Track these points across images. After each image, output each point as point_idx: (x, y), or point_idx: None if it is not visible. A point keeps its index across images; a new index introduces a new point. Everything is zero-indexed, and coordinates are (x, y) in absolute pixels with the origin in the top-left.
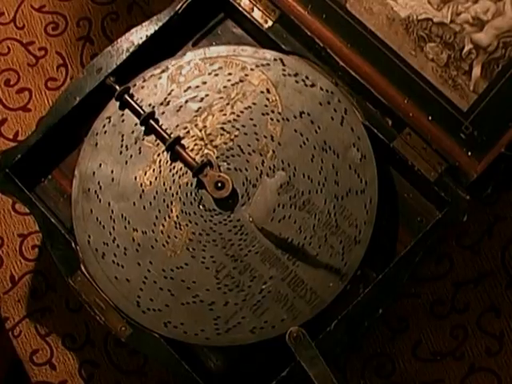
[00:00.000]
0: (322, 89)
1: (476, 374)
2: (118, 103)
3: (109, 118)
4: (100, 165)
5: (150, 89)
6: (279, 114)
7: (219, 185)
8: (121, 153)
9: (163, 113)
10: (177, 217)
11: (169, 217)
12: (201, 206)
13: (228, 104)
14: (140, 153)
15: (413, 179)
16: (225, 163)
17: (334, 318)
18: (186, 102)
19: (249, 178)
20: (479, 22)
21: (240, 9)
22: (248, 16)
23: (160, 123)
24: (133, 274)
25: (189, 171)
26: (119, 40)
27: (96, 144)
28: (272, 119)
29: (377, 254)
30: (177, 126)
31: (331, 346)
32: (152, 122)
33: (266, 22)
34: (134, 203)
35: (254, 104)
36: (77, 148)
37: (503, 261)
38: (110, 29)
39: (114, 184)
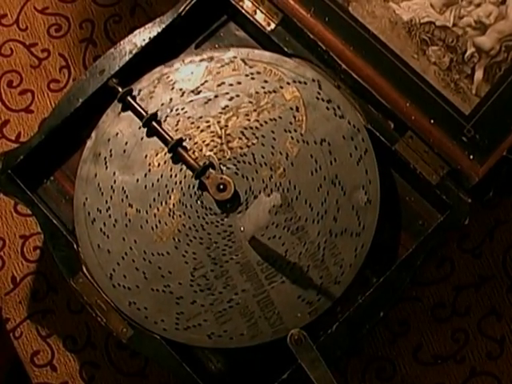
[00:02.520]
0: (349, 123)
1: (477, 377)
2: (121, 104)
3: (140, 90)
4: (117, 134)
5: (186, 74)
6: (301, 135)
7: (221, 187)
8: (140, 128)
9: (191, 101)
10: (173, 205)
11: (166, 203)
12: (199, 202)
13: (255, 110)
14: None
15: (414, 182)
16: (234, 167)
17: (335, 320)
18: (216, 96)
19: (253, 188)
20: (482, 25)
21: (243, 11)
22: (251, 19)
23: (185, 110)
24: (115, 246)
25: None
26: (122, 42)
27: (119, 113)
28: (292, 138)
29: (378, 257)
30: (200, 117)
31: (332, 348)
32: (154, 123)
33: (269, 24)
34: (138, 180)
35: (280, 118)
36: (79, 150)
37: (504, 264)
38: (113, 31)
39: (124, 156)
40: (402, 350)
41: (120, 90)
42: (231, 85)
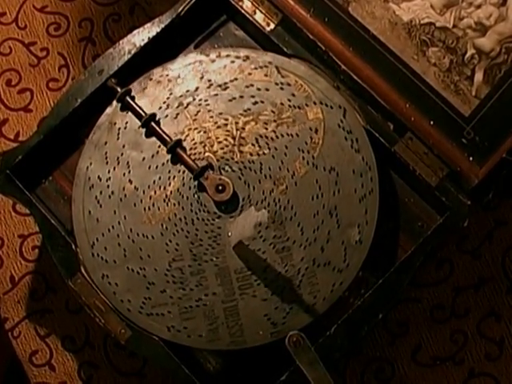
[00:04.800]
0: (363, 159)
1: (475, 379)
2: (119, 105)
3: (169, 70)
4: None
5: (219, 67)
6: (313, 157)
7: (220, 188)
8: (160, 108)
9: (216, 95)
10: (171, 192)
11: (164, 188)
12: (196, 196)
13: (275, 121)
14: (176, 118)
15: (414, 184)
16: (239, 171)
17: (333, 322)
18: (241, 97)
19: (251, 196)
20: (482, 27)
21: (242, 11)
22: (250, 19)
23: (208, 102)
24: (105, 217)
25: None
26: (121, 42)
27: (145, 88)
28: (303, 158)
29: (377, 258)
30: (220, 113)
31: (331, 350)
32: (153, 124)
33: (268, 24)
34: (144, 158)
35: (297, 135)
36: (78, 149)
37: (503, 266)
38: (112, 30)
39: (137, 132)
40: (400, 351)
41: (119, 90)
42: (259, 89)
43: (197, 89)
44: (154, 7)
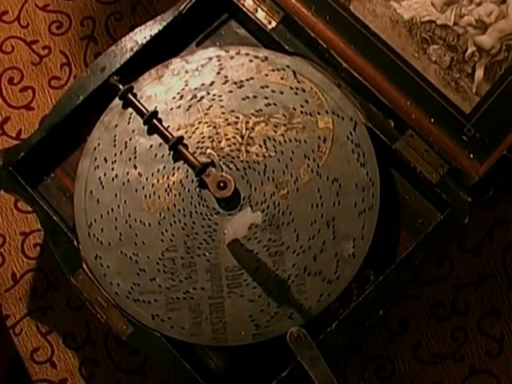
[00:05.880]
0: (367, 174)
1: (476, 376)
2: (121, 101)
3: (187, 62)
4: (151, 96)
5: (238, 64)
6: (318, 166)
7: (221, 184)
8: (173, 98)
9: (231, 91)
10: (173, 182)
11: (167, 178)
12: (197, 189)
13: (285, 125)
14: (188, 110)
15: (414, 181)
16: (243, 170)
17: (334, 318)
18: (255, 97)
19: (252, 197)
20: (482, 24)
21: (244, 9)
22: (252, 17)
23: (221, 98)
24: (105, 199)
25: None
26: (123, 39)
27: (161, 77)
28: (308, 165)
29: (378, 255)
30: (232, 110)
31: (332, 346)
32: (155, 121)
33: (270, 22)
34: (151, 146)
35: (305, 142)
36: (80, 147)
37: (504, 263)
38: (114, 28)
39: None
40: (401, 348)
41: (121, 87)
42: (273, 91)
43: (212, 83)
44: (156, 5)
